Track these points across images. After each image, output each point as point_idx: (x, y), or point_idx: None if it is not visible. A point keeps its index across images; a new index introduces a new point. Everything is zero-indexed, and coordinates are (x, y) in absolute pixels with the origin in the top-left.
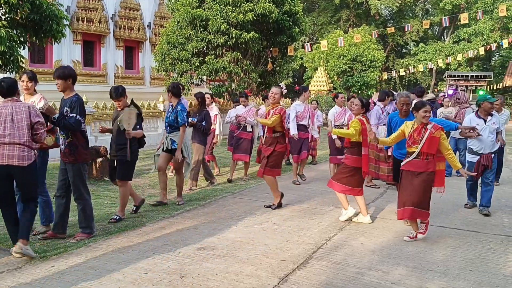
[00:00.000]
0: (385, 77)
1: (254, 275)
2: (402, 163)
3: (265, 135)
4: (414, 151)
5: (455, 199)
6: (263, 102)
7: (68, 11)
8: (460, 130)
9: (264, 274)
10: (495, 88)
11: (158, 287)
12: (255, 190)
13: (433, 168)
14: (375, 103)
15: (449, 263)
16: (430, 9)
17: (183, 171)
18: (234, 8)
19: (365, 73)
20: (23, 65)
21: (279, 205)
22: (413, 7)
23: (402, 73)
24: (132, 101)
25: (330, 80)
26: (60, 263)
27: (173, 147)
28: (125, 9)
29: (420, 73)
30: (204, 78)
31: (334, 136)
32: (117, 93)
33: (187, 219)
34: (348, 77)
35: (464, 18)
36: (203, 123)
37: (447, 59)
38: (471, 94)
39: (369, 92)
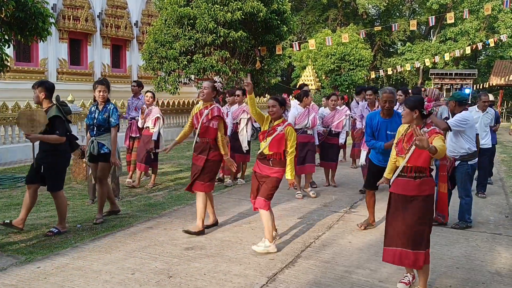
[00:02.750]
0: (373, 76)
1: (243, 275)
2: (391, 181)
3: (195, 140)
4: (400, 165)
5: None
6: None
7: (54, 9)
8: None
9: (253, 273)
10: (481, 87)
11: (146, 287)
12: (243, 189)
13: (429, 189)
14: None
15: (436, 261)
16: (417, 9)
17: (112, 177)
18: (222, 7)
19: (353, 72)
20: (8, 64)
21: (213, 225)
22: (400, 6)
23: (389, 72)
24: (57, 98)
25: (318, 79)
26: (46, 264)
27: (101, 151)
28: (112, 7)
29: (407, 72)
30: (192, 77)
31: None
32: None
33: (175, 219)
34: (336, 76)
35: (450, 17)
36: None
37: (433, 58)
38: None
39: None
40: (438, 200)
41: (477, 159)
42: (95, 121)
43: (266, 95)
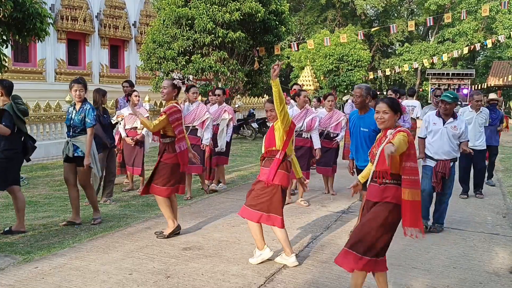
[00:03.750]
0: (371, 76)
1: (241, 275)
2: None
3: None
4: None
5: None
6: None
7: (52, 10)
8: None
9: (250, 273)
10: (479, 87)
11: (144, 287)
12: (241, 189)
13: (391, 197)
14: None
15: (433, 261)
16: (415, 9)
17: (92, 184)
18: (220, 7)
19: (351, 72)
20: (6, 64)
21: (174, 233)
22: (398, 7)
23: (387, 72)
24: (14, 97)
25: (316, 79)
26: (44, 264)
27: (75, 154)
28: (110, 7)
29: (405, 72)
30: (190, 77)
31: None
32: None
33: None
34: (334, 77)
35: (448, 18)
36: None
37: (432, 59)
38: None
39: None
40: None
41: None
42: (71, 121)
43: (265, 95)
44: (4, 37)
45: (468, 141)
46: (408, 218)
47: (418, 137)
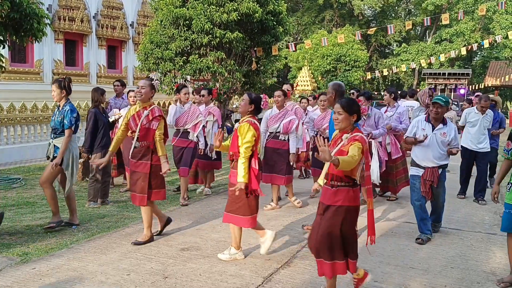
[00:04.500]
0: (369, 77)
1: (238, 275)
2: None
3: (133, 145)
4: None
5: None
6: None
7: (49, 10)
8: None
9: (248, 273)
10: (476, 88)
11: None
12: None
13: (343, 200)
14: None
15: (431, 261)
16: (412, 10)
17: (66, 186)
18: (218, 8)
19: (349, 73)
20: (3, 65)
21: (149, 240)
22: (396, 7)
23: (385, 73)
24: None
25: (314, 80)
26: (42, 265)
27: (55, 154)
28: (107, 8)
29: (403, 73)
30: (188, 77)
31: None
32: None
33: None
34: (332, 77)
35: (445, 18)
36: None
37: (429, 59)
38: (452, 93)
39: None
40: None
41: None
42: (53, 123)
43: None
44: (1, 38)
45: (459, 149)
46: (370, 227)
47: (406, 136)
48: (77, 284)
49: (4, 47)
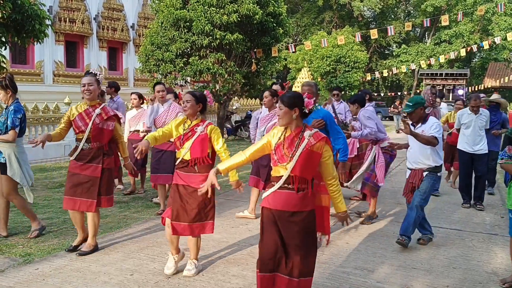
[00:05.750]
0: (369, 78)
1: (241, 275)
2: (264, 194)
3: (81, 147)
4: (281, 175)
5: (436, 198)
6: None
7: (50, 11)
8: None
9: (251, 274)
10: (475, 89)
11: None
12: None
13: (311, 204)
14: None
15: (433, 261)
16: (411, 11)
17: (25, 192)
18: (218, 9)
19: (349, 74)
20: (5, 66)
21: (94, 250)
22: (395, 9)
23: (385, 74)
24: None
25: (314, 81)
26: (45, 266)
27: (1, 161)
28: (108, 9)
29: (403, 74)
30: (188, 79)
31: None
32: None
33: None
34: (331, 78)
35: (445, 19)
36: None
37: (429, 60)
38: (450, 94)
39: (353, 93)
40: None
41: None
42: None
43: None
44: (3, 39)
45: (432, 136)
46: (327, 224)
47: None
48: (81, 285)
49: (5, 48)
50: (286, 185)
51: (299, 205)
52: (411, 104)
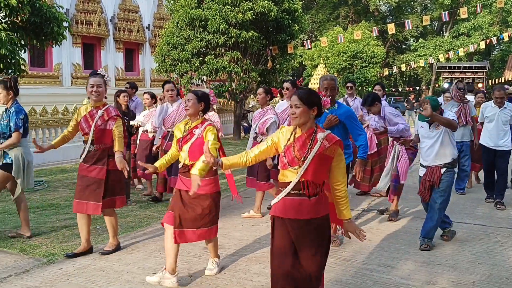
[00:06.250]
0: (386, 73)
1: (263, 273)
2: (272, 202)
3: (87, 149)
4: (290, 180)
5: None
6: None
7: (67, 14)
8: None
9: None
10: (495, 82)
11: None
12: None
13: (324, 208)
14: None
15: (458, 257)
16: (428, 4)
17: (16, 193)
18: (233, 8)
19: (366, 69)
20: (24, 69)
21: (116, 249)
22: (412, 2)
23: (403, 68)
24: None
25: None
26: (68, 266)
27: (4, 161)
28: (124, 11)
29: (421, 68)
30: (204, 78)
31: None
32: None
33: None
34: (348, 74)
35: (463, 12)
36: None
37: (447, 54)
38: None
39: (370, 89)
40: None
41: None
42: (0, 128)
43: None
44: (22, 42)
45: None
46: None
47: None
48: (104, 284)
49: (25, 51)
50: (296, 191)
51: (313, 211)
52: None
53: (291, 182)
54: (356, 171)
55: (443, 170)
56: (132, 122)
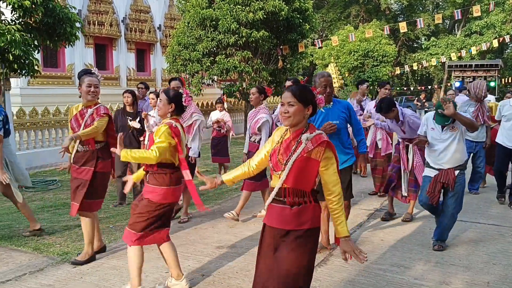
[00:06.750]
0: (397, 72)
1: None
2: (265, 206)
3: (76, 148)
4: (274, 186)
5: (470, 193)
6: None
7: (79, 15)
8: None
9: None
10: (509, 81)
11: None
12: None
13: (311, 221)
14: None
15: (472, 257)
16: (440, 3)
17: (14, 195)
18: (244, 7)
19: (377, 68)
20: (38, 69)
21: (88, 261)
22: (423, 1)
23: (415, 67)
24: None
25: (341, 76)
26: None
27: None
28: (135, 11)
29: (432, 67)
30: (215, 78)
31: None
32: None
33: (205, 218)
34: (359, 73)
35: (476, 10)
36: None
37: (459, 52)
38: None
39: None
40: None
41: None
42: None
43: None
44: (36, 42)
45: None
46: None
47: (418, 134)
48: (118, 282)
49: (38, 52)
50: (279, 198)
51: (293, 222)
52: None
53: (275, 187)
54: (361, 167)
55: (456, 172)
56: (130, 123)
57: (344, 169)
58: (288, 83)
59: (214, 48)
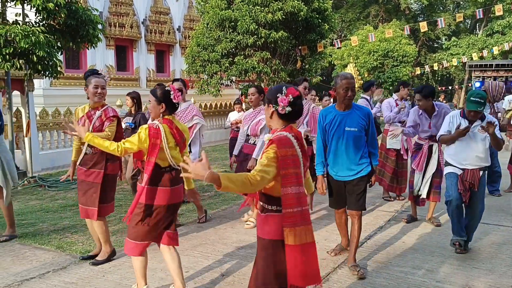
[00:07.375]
0: (418, 72)
1: None
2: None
3: (84, 151)
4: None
5: (492, 196)
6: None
7: (100, 17)
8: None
9: None
10: None
11: (200, 285)
12: None
13: (274, 233)
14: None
15: (495, 260)
16: (461, 2)
17: (4, 196)
18: (262, 8)
19: (397, 68)
20: (61, 70)
21: (109, 259)
22: (444, 0)
23: (435, 67)
24: None
25: (360, 77)
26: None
27: None
28: (155, 13)
29: (453, 67)
30: (233, 78)
31: None
32: None
33: (224, 218)
34: (379, 73)
35: (498, 9)
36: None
37: (481, 52)
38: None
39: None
40: None
41: None
42: None
43: None
44: (59, 44)
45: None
46: (299, 272)
47: (441, 135)
48: None
49: (62, 53)
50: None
51: (260, 229)
52: (483, 101)
53: None
54: (373, 181)
55: (481, 173)
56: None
57: (359, 178)
58: (305, 83)
59: (233, 49)
